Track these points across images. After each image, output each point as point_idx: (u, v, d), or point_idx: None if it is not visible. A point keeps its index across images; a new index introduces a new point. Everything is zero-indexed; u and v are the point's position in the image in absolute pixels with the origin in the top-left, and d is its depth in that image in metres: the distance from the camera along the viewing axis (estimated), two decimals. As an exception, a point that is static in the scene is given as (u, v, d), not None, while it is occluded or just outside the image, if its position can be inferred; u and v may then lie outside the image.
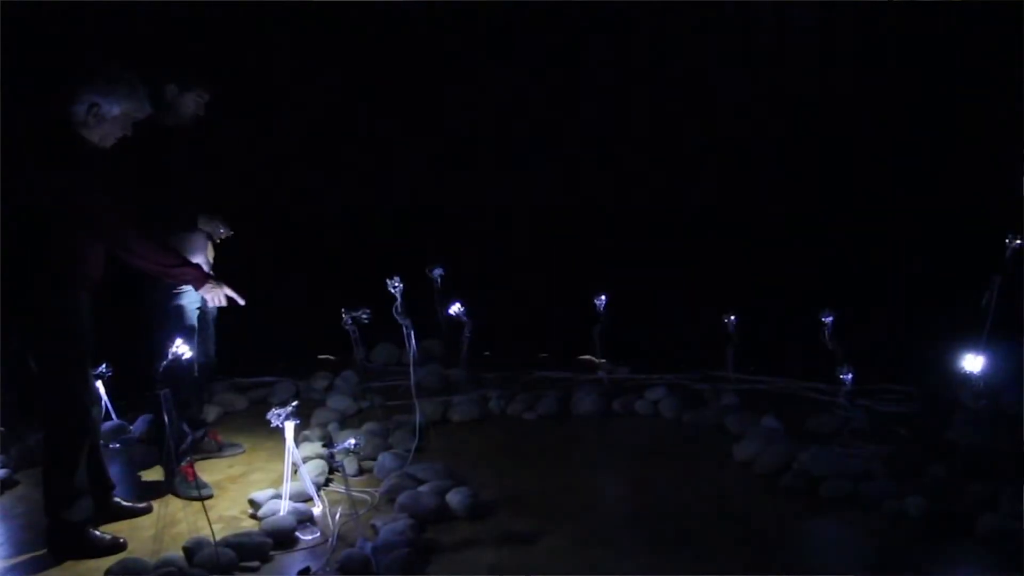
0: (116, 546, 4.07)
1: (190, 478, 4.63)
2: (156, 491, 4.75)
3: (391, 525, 4.11)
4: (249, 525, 4.32)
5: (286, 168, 7.04)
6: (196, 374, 4.69)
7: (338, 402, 6.01)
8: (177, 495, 4.61)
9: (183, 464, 4.66)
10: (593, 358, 6.62)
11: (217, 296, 4.32)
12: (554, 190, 7.14)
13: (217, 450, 5.20)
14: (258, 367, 6.55)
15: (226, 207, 5.09)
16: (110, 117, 3.93)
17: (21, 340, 4.00)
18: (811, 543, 4.12)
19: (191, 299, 4.65)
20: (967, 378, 5.05)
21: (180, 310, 4.66)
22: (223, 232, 5.03)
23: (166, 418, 3.91)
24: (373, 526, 4.22)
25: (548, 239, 7.26)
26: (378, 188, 7.34)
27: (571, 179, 7.08)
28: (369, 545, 3.90)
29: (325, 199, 7.20)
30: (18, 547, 4.15)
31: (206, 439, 5.13)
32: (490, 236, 7.38)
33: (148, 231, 4.05)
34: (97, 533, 4.10)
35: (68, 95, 3.90)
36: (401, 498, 4.42)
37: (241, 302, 4.39)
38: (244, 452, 5.26)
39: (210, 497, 4.54)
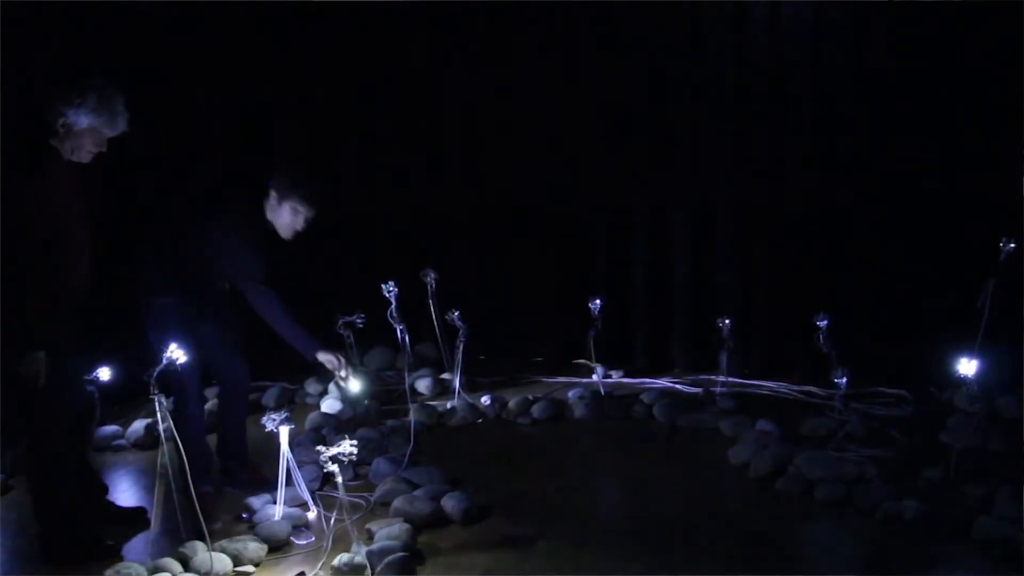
0: (109, 551, 4.05)
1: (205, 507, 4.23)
2: (150, 495, 4.73)
3: (386, 529, 4.11)
4: (244, 530, 4.31)
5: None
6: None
7: (332, 407, 5.99)
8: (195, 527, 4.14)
9: (200, 492, 4.19)
10: (588, 362, 6.62)
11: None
12: (550, 193, 7.13)
13: (251, 486, 4.72)
14: (252, 371, 6.52)
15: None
16: (76, 130, 3.82)
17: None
18: (806, 547, 4.12)
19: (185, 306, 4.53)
20: (962, 381, 5.05)
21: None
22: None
23: (159, 424, 3.88)
24: (368, 530, 4.21)
25: (543, 242, 7.25)
26: (374, 191, 7.33)
27: (568, 182, 7.07)
28: (364, 549, 3.89)
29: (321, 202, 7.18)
30: (12, 553, 4.12)
31: None
32: (485, 239, 7.37)
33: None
34: (89, 538, 4.09)
35: (44, 103, 3.85)
36: (396, 502, 4.42)
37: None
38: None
39: (219, 529, 4.28)
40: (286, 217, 4.54)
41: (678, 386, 6.50)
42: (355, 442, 4.14)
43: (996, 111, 5.75)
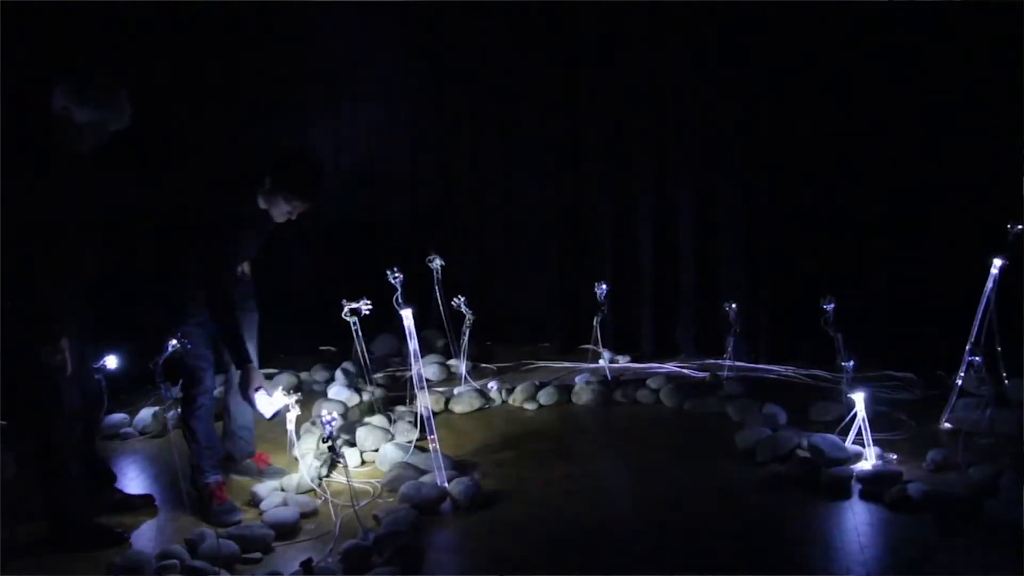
0: (117, 538, 4.07)
1: (219, 500, 4.33)
2: (158, 483, 4.76)
3: (393, 515, 4.11)
4: (251, 517, 4.32)
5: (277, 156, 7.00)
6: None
7: (339, 394, 6.00)
8: (209, 520, 4.24)
9: (212, 484, 4.38)
10: (595, 347, 6.62)
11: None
12: (556, 181, 7.13)
13: (257, 473, 4.80)
14: (258, 359, 6.53)
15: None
16: (78, 122, 3.83)
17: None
18: (813, 531, 4.11)
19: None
20: (969, 364, 5.05)
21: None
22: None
23: (166, 412, 3.89)
24: (375, 516, 4.22)
25: (549, 229, 7.25)
26: (379, 179, 7.33)
27: (573, 169, 7.07)
28: (371, 535, 3.90)
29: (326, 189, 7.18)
30: (21, 540, 4.12)
31: (248, 461, 4.82)
32: (491, 226, 7.37)
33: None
34: (97, 525, 4.11)
35: (48, 96, 3.85)
36: (403, 488, 4.43)
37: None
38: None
39: (238, 523, 4.22)
40: (281, 205, 4.42)
41: (685, 371, 6.50)
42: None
43: (998, 104, 5.72)
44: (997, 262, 4.92)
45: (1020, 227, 4.87)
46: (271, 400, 4.31)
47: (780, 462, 4.75)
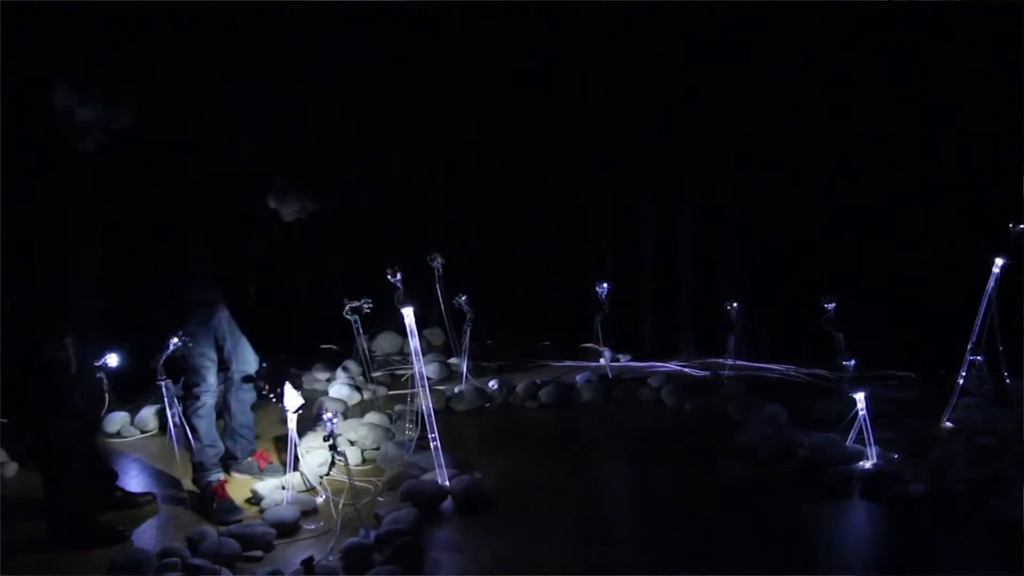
0: (118, 536, 4.07)
1: (220, 498, 4.37)
2: (159, 481, 4.76)
3: (394, 514, 4.11)
4: (252, 515, 4.32)
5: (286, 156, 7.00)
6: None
7: (340, 392, 6.00)
8: (210, 519, 4.26)
9: (213, 482, 4.42)
10: (595, 346, 6.62)
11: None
12: (557, 181, 7.13)
13: (258, 472, 4.79)
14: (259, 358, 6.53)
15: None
16: (79, 121, 3.85)
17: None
18: (814, 530, 4.11)
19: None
20: (970, 363, 5.06)
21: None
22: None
23: (167, 411, 3.89)
24: (376, 515, 4.22)
25: (549, 229, 7.25)
26: (379, 179, 7.32)
27: (573, 169, 7.07)
28: (372, 534, 3.90)
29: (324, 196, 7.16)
30: (22, 538, 4.12)
31: (248, 460, 4.82)
32: (491, 226, 7.37)
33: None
34: (98, 523, 4.11)
35: (50, 95, 3.86)
36: (404, 487, 4.43)
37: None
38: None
39: (239, 521, 4.23)
40: (291, 204, 4.49)
41: (686, 369, 6.50)
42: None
43: (998, 104, 5.73)
44: (999, 261, 4.92)
45: (1021, 227, 4.88)
46: (297, 394, 4.34)
47: (781, 461, 4.75)
